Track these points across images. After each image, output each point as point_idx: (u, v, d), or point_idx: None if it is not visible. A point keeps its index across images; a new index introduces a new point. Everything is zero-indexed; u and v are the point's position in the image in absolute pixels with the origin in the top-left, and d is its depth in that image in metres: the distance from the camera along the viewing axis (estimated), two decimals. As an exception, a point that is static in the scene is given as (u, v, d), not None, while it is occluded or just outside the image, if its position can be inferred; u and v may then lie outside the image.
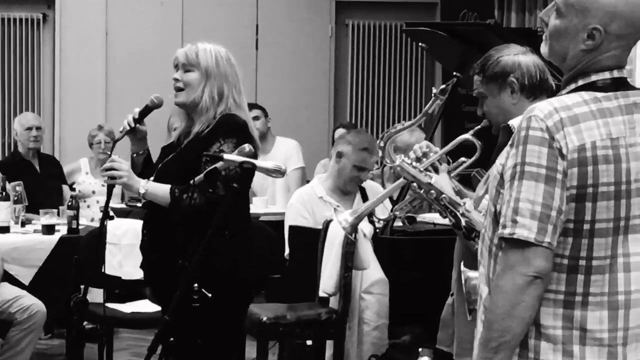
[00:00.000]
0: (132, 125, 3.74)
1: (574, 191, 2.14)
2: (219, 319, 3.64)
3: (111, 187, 3.68)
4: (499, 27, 6.82)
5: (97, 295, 5.08)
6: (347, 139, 5.58)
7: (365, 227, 4.97)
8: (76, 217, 5.93)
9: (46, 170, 7.03)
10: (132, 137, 3.82)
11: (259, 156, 3.68)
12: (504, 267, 2.16)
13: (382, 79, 9.34)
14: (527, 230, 2.13)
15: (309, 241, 5.13)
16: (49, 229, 5.89)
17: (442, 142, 7.28)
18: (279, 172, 3.52)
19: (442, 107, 5.28)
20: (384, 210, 5.13)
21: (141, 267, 3.92)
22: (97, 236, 4.82)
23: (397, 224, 5.21)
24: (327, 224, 5.03)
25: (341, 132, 7.09)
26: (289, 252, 5.42)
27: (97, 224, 6.23)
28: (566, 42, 2.23)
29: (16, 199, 6.28)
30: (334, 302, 4.96)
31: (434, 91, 3.63)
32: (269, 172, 3.54)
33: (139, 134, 3.82)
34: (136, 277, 5.08)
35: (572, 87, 2.25)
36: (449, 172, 3.60)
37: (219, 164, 3.46)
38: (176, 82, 3.77)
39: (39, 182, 6.82)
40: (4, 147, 8.88)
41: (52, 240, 5.83)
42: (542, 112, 2.16)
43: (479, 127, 3.59)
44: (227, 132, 3.67)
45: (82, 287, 3.76)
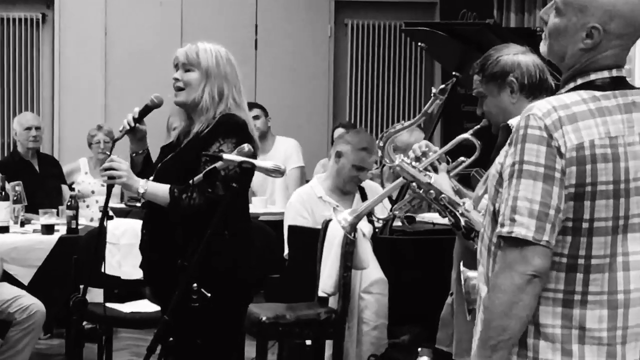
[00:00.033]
0: (132, 124, 3.73)
1: (573, 190, 2.14)
2: (219, 319, 3.64)
3: (110, 187, 3.67)
4: (498, 27, 6.80)
5: (96, 295, 5.09)
6: (346, 138, 5.58)
7: (364, 226, 4.97)
8: (75, 217, 5.93)
9: (45, 170, 7.02)
10: (131, 136, 3.81)
11: (258, 156, 3.68)
12: (503, 266, 2.16)
13: (382, 78, 9.34)
14: (525, 228, 2.12)
15: (308, 241, 5.12)
16: (48, 229, 5.88)
17: (441, 142, 7.27)
18: (278, 172, 3.52)
19: (441, 106, 5.25)
20: (383, 209, 5.13)
21: (141, 266, 3.91)
22: (97, 236, 4.83)
23: (397, 223, 5.21)
24: (326, 223, 5.02)
25: (340, 132, 7.09)
26: (288, 251, 5.41)
27: (97, 224, 6.24)
28: (565, 41, 2.23)
29: (15, 198, 6.27)
30: (333, 302, 4.96)
31: (434, 91, 3.62)
32: (268, 171, 3.53)
33: (139, 134, 3.81)
34: (135, 277, 5.08)
35: (571, 86, 2.25)
36: (448, 171, 3.59)
37: (218, 164, 3.46)
38: (176, 81, 3.76)
39: (38, 182, 6.82)
40: (3, 147, 8.87)
41: (52, 240, 5.83)
42: (541, 111, 2.16)
43: (479, 126, 3.59)
44: (227, 132, 3.66)
45: (82, 287, 3.76)
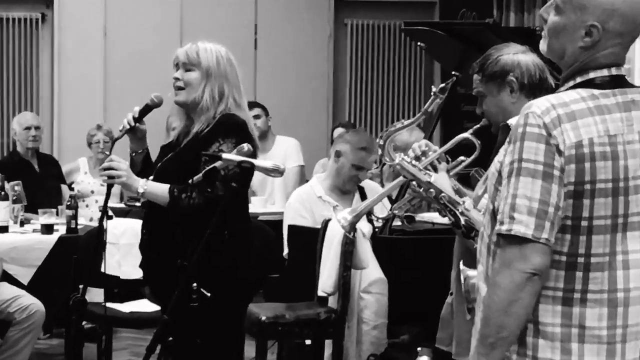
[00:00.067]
0: (132, 124, 3.72)
1: (572, 188, 2.14)
2: (218, 319, 3.63)
3: (110, 186, 3.67)
4: (497, 27, 6.81)
5: (96, 294, 5.08)
6: (345, 138, 5.57)
7: (364, 226, 4.97)
8: (75, 217, 5.93)
9: (45, 169, 7.01)
10: (131, 136, 3.81)
11: (258, 155, 3.68)
12: (502, 264, 2.16)
13: (381, 78, 9.34)
14: (524, 226, 2.12)
15: (308, 240, 5.12)
16: (47, 229, 5.88)
17: (441, 141, 7.25)
18: (278, 172, 3.51)
19: (441, 106, 5.28)
20: (382, 209, 5.13)
21: (140, 266, 3.91)
22: (96, 236, 4.82)
23: (396, 223, 5.21)
24: (326, 223, 5.02)
25: (340, 132, 7.09)
26: (287, 251, 5.41)
27: (96, 224, 6.23)
28: (564, 39, 2.23)
29: (15, 198, 6.27)
30: (332, 302, 4.95)
31: (434, 90, 3.62)
32: (267, 171, 3.53)
33: (139, 133, 3.81)
34: (135, 276, 5.08)
35: (570, 84, 2.24)
36: (448, 171, 3.59)
37: (218, 164, 3.45)
38: (176, 81, 3.75)
39: (37, 181, 6.81)
40: (2, 147, 8.88)
41: (51, 239, 5.82)
42: (540, 109, 2.16)
43: (478, 126, 3.59)
44: (227, 131, 3.66)
45: (81, 286, 3.76)
